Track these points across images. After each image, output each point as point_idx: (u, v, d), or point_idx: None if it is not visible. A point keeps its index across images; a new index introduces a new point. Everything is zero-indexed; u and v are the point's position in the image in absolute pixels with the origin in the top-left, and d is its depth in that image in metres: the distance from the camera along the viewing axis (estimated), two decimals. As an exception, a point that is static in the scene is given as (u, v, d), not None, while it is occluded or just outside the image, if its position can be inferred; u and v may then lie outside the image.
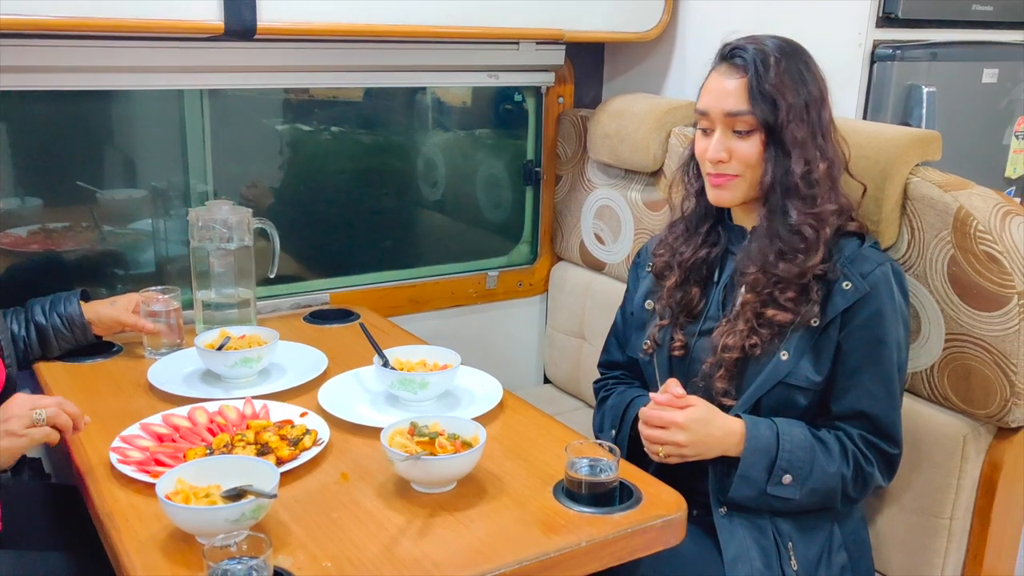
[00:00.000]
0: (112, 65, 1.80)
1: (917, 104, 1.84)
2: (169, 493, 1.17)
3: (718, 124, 1.42)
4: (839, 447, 1.42)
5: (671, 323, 1.55)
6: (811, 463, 1.39)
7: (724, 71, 1.42)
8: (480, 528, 1.20)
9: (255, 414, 1.51)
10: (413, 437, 1.32)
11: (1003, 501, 1.55)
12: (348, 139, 2.31)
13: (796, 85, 1.40)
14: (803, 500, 1.40)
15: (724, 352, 1.44)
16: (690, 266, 1.55)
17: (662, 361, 1.55)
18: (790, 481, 1.39)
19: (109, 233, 2.04)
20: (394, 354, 1.63)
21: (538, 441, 1.46)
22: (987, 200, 1.50)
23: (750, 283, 1.43)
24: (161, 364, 1.71)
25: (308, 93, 2.21)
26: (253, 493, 1.15)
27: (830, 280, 1.41)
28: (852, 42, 1.83)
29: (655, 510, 1.25)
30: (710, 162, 1.43)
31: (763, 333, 1.41)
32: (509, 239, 2.52)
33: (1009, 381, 1.46)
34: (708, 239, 1.55)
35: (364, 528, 1.19)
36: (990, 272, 1.46)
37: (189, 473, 1.22)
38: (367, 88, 2.25)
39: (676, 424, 1.38)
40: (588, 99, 2.44)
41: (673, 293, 1.55)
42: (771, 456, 1.38)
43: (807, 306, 1.40)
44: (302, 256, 2.24)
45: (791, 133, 1.38)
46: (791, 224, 1.40)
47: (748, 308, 1.42)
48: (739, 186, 1.43)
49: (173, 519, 1.16)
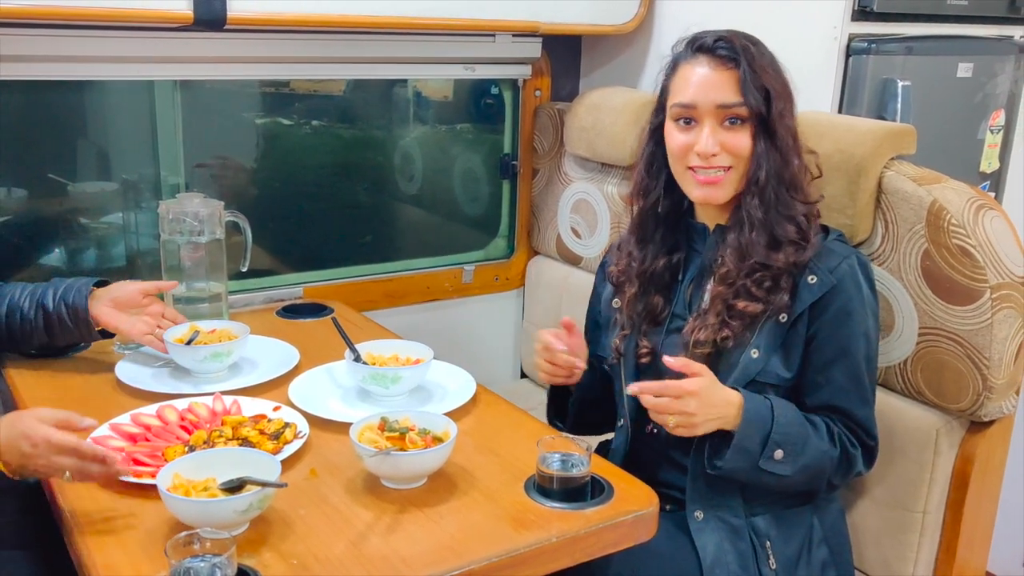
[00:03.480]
0: (81, 55, 1.77)
1: (892, 98, 1.84)
2: (168, 488, 1.15)
3: (707, 117, 1.39)
4: (826, 427, 1.41)
5: (634, 331, 1.53)
6: (804, 439, 1.37)
7: (708, 63, 1.39)
8: (450, 524, 1.18)
9: (226, 410, 1.49)
10: (383, 432, 1.31)
11: (975, 495, 1.55)
12: (324, 132, 2.29)
13: (784, 82, 1.40)
14: (794, 477, 1.37)
15: (696, 348, 1.42)
16: (650, 275, 1.52)
17: (629, 367, 1.53)
18: (782, 456, 1.35)
19: (79, 226, 2.01)
20: (366, 349, 1.61)
21: (511, 436, 1.45)
22: (960, 194, 1.50)
23: (722, 275, 1.42)
24: (130, 359, 1.69)
25: (283, 85, 2.19)
26: (256, 483, 1.14)
27: (797, 272, 1.40)
28: (827, 36, 1.83)
29: (626, 505, 1.24)
30: (700, 156, 1.39)
31: (734, 325, 1.40)
32: (486, 233, 2.50)
33: (982, 375, 1.46)
34: (665, 246, 1.52)
35: (332, 525, 1.17)
36: (963, 266, 1.46)
37: (185, 467, 1.20)
38: (343, 81, 2.23)
39: (688, 391, 1.31)
40: (565, 92, 2.43)
41: (634, 304, 1.53)
42: (766, 429, 1.35)
43: (777, 295, 1.39)
44: (276, 250, 2.21)
45: (785, 124, 1.38)
46: (789, 215, 1.39)
47: (719, 300, 1.41)
48: (731, 180, 1.40)
49: (178, 514, 1.13)
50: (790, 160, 1.39)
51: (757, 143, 1.38)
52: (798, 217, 1.40)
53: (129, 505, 1.21)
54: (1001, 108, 2.11)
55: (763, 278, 1.39)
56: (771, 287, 1.39)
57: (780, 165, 1.39)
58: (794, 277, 1.40)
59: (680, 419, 1.34)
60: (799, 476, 1.38)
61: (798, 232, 1.39)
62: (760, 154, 1.38)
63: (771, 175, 1.38)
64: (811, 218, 1.41)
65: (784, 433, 1.36)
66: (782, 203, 1.39)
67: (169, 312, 1.69)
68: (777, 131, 1.38)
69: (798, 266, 1.39)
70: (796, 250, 1.39)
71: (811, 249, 1.39)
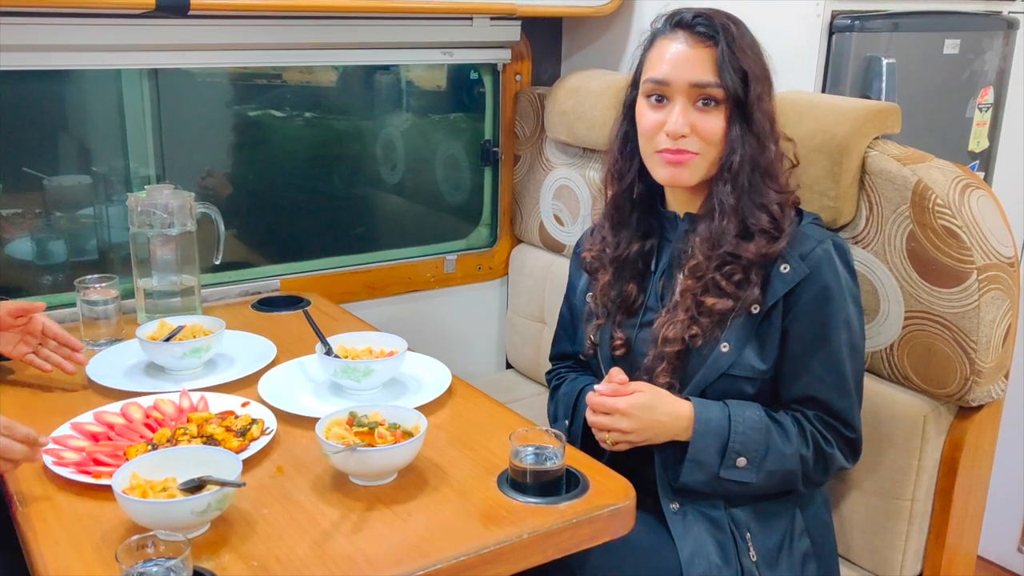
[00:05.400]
0: (44, 43, 1.71)
1: (877, 76, 1.79)
2: (124, 489, 1.11)
3: (679, 96, 1.33)
4: (797, 428, 1.37)
5: (608, 321, 1.49)
6: (766, 445, 1.34)
7: (685, 39, 1.33)
8: (418, 521, 1.14)
9: (193, 407, 1.45)
10: (352, 427, 1.27)
11: (964, 482, 1.52)
12: (300, 120, 2.24)
13: (763, 64, 1.35)
14: (761, 483, 1.35)
15: (665, 345, 1.38)
16: (623, 262, 1.47)
17: (605, 358, 1.49)
18: (745, 464, 1.34)
19: (49, 220, 1.96)
20: (339, 341, 1.57)
21: (486, 429, 1.41)
22: (946, 173, 1.46)
23: (691, 268, 1.37)
24: (100, 358, 1.64)
25: (257, 74, 2.14)
26: (216, 483, 1.10)
27: (768, 261, 1.34)
28: (810, 12, 1.78)
29: (602, 499, 1.20)
30: (669, 136, 1.34)
31: (703, 323, 1.35)
32: (467, 221, 2.46)
33: (969, 359, 1.42)
34: (639, 230, 1.48)
35: (296, 524, 1.13)
36: (949, 247, 1.42)
37: (143, 467, 1.16)
38: (318, 68, 2.18)
39: (619, 411, 1.33)
40: (547, 76, 2.38)
41: (607, 291, 1.49)
42: (723, 438, 1.33)
43: (747, 290, 1.34)
44: (252, 241, 2.17)
45: (762, 108, 1.33)
46: (762, 203, 1.34)
47: (688, 296, 1.36)
48: (699, 166, 1.35)
49: (133, 516, 1.09)
50: (766, 146, 1.34)
51: (732, 127, 1.33)
52: (771, 206, 1.34)
53: (87, 507, 1.17)
54: (990, 86, 2.06)
55: (733, 271, 1.34)
56: (741, 280, 1.34)
57: (756, 151, 1.33)
58: (766, 268, 1.35)
59: (615, 436, 1.35)
60: (767, 481, 1.35)
61: (771, 222, 1.34)
62: (735, 139, 1.33)
63: (745, 161, 1.33)
64: (785, 208, 1.36)
65: (744, 440, 1.33)
66: (756, 191, 1.34)
67: (50, 329, 1.53)
68: (754, 115, 1.33)
69: (769, 258, 1.34)
70: (768, 241, 1.34)
71: (784, 239, 1.34)
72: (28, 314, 1.51)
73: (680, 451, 1.36)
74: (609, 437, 1.36)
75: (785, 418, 1.38)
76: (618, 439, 1.35)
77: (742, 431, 1.34)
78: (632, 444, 1.36)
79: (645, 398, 1.34)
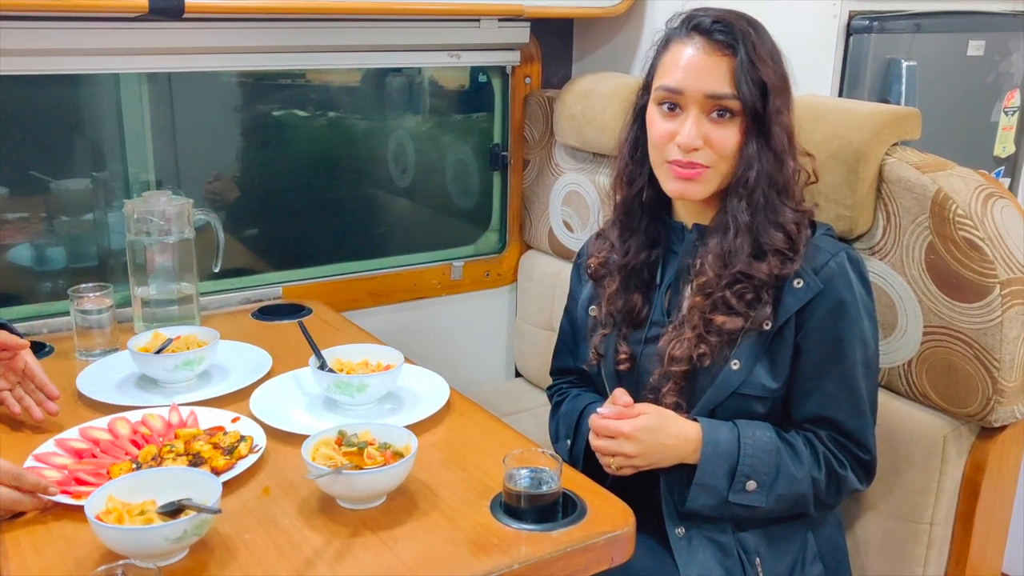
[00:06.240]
0: (37, 48, 1.68)
1: (896, 79, 1.72)
2: (100, 513, 1.06)
3: (693, 106, 1.26)
4: (809, 449, 1.31)
5: (613, 332, 1.43)
6: (776, 467, 1.28)
7: (702, 46, 1.26)
8: (405, 549, 1.09)
9: (182, 422, 1.41)
10: (341, 447, 1.22)
11: (987, 505, 1.45)
12: (303, 124, 2.19)
13: (779, 68, 1.27)
14: (771, 507, 1.29)
15: (672, 364, 1.31)
16: (630, 270, 1.41)
17: (608, 372, 1.43)
18: (755, 488, 1.28)
19: (47, 226, 1.93)
20: (334, 354, 1.52)
21: (482, 448, 1.35)
22: (968, 182, 1.38)
23: (700, 285, 1.30)
24: (93, 369, 1.60)
25: (259, 76, 2.09)
26: (193, 508, 1.05)
27: (780, 277, 1.28)
28: (826, 13, 1.71)
29: (599, 526, 1.15)
30: (680, 148, 1.27)
31: (712, 341, 1.29)
32: (476, 227, 2.40)
33: (991, 377, 1.35)
34: (647, 238, 1.41)
35: (278, 550, 1.09)
36: (970, 260, 1.34)
37: (120, 489, 1.11)
38: (320, 70, 2.13)
39: (623, 434, 1.27)
40: (557, 79, 2.32)
41: (614, 300, 1.42)
42: (732, 461, 1.27)
43: (758, 309, 1.28)
44: (254, 247, 2.13)
45: (781, 122, 1.26)
46: (778, 222, 1.27)
47: (695, 313, 1.30)
48: (711, 179, 1.28)
49: (106, 542, 1.05)
50: (784, 162, 1.27)
51: (748, 141, 1.26)
52: (788, 225, 1.28)
53: (64, 530, 1.13)
54: (1016, 88, 1.99)
55: (743, 290, 1.28)
56: (752, 300, 1.28)
57: (773, 167, 1.26)
58: (778, 284, 1.28)
59: (620, 460, 1.29)
60: (777, 504, 1.29)
61: (786, 241, 1.27)
62: (751, 154, 1.26)
63: (762, 177, 1.26)
64: (802, 227, 1.29)
65: (754, 463, 1.27)
66: (771, 208, 1.27)
67: (30, 369, 1.43)
68: (772, 129, 1.25)
69: (781, 279, 1.28)
70: (781, 262, 1.27)
71: (798, 261, 1.27)
72: (12, 351, 1.43)
73: (687, 474, 1.30)
74: (613, 462, 1.30)
75: (796, 439, 1.31)
76: (623, 463, 1.30)
77: (752, 453, 1.27)
78: (637, 468, 1.30)
79: (650, 420, 1.28)
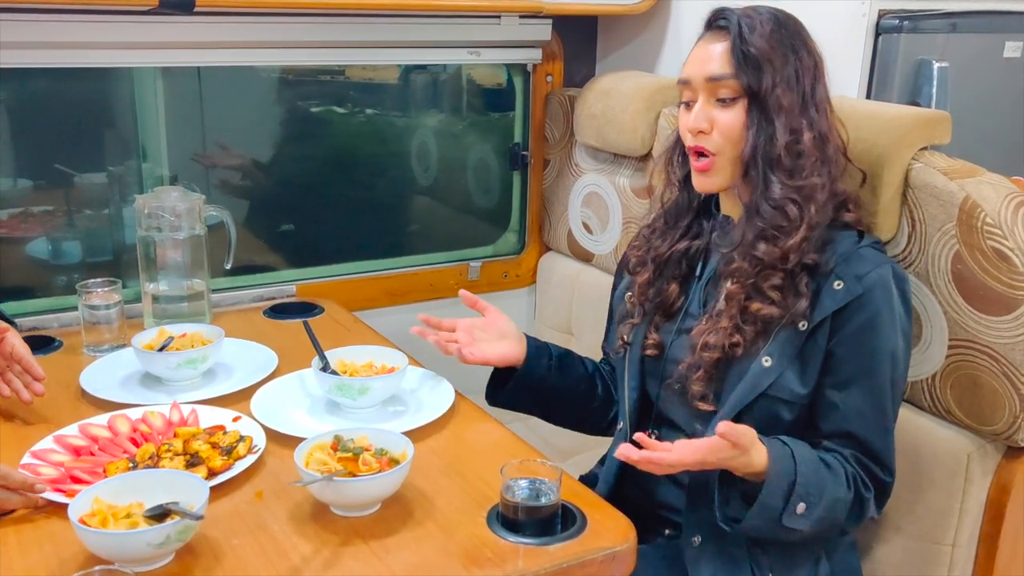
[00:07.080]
0: (48, 40, 1.66)
1: (927, 81, 1.66)
2: (84, 515, 1.04)
3: (700, 92, 1.28)
4: (842, 470, 1.24)
5: (644, 321, 1.41)
6: (822, 488, 1.20)
7: (708, 38, 1.29)
8: (395, 560, 1.06)
9: (183, 420, 1.39)
10: (336, 452, 1.19)
11: (1012, 527, 1.38)
12: (320, 120, 2.17)
13: (785, 51, 1.25)
14: (808, 533, 1.21)
15: (704, 351, 1.27)
16: (665, 261, 1.40)
17: (633, 360, 1.41)
18: (803, 510, 1.18)
19: (64, 221, 1.92)
20: (339, 355, 1.49)
21: (484, 455, 1.31)
22: (998, 190, 1.32)
23: (734, 272, 1.27)
24: (98, 365, 1.59)
25: (276, 72, 2.07)
26: (178, 513, 1.03)
27: (821, 276, 1.24)
28: (854, 11, 1.65)
29: (598, 541, 1.10)
30: (691, 132, 1.29)
31: (747, 331, 1.24)
32: (495, 227, 2.37)
33: (1019, 394, 1.29)
34: (688, 232, 1.40)
35: (265, 558, 1.06)
36: (999, 271, 1.28)
37: (107, 491, 1.08)
38: (339, 66, 2.10)
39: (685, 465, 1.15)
40: (580, 77, 2.28)
41: (646, 290, 1.41)
42: (790, 479, 1.18)
43: (795, 299, 1.24)
44: (269, 244, 2.11)
45: (777, 99, 1.23)
46: (774, 199, 1.24)
47: (733, 302, 1.26)
48: (722, 167, 1.28)
49: (89, 546, 1.03)
50: (781, 138, 1.24)
51: (751, 123, 1.25)
52: (785, 203, 1.24)
53: (52, 529, 1.11)
54: (1056, 92, 1.91)
55: (770, 275, 1.24)
56: (784, 287, 1.24)
57: (768, 143, 1.24)
58: (817, 282, 1.24)
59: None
60: (814, 528, 1.21)
61: (783, 218, 1.23)
62: (750, 131, 1.25)
63: (758, 154, 1.24)
64: (805, 205, 1.24)
65: (806, 483, 1.18)
66: (769, 186, 1.25)
67: (16, 352, 1.41)
68: (768, 104, 1.24)
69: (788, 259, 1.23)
70: (785, 238, 1.23)
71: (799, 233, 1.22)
72: None
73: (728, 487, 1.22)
74: None
75: (828, 457, 1.24)
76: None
77: (804, 472, 1.19)
78: None
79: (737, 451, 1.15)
